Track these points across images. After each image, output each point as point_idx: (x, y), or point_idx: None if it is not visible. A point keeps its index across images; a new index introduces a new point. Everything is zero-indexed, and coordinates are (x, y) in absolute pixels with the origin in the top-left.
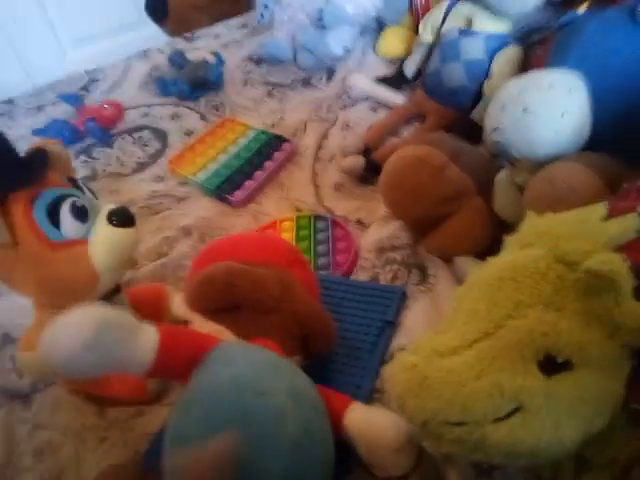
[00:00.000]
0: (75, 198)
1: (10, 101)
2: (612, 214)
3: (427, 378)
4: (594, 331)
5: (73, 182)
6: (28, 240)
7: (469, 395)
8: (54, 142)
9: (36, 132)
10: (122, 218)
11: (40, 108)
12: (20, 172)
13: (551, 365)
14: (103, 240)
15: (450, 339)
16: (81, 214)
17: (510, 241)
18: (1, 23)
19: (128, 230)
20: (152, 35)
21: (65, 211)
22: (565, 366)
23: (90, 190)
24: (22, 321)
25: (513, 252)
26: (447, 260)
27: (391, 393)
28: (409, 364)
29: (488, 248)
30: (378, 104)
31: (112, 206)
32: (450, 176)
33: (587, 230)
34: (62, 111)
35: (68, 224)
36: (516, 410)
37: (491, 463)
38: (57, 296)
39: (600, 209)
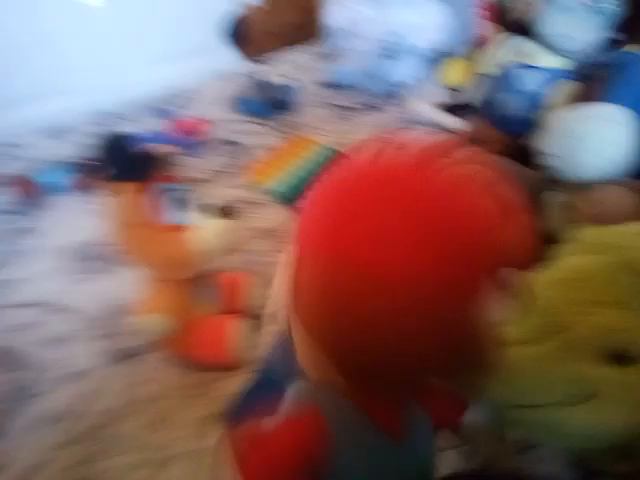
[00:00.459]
0: (183, 192)
1: (108, 112)
2: None
3: (509, 364)
4: None
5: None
6: (154, 222)
7: (549, 380)
8: (169, 149)
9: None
10: (230, 212)
11: (136, 120)
12: (149, 168)
13: (624, 358)
14: (214, 227)
15: (529, 330)
16: (185, 205)
17: (569, 249)
18: (96, 43)
19: (233, 222)
20: (229, 58)
21: (177, 202)
22: (634, 359)
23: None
24: (129, 294)
25: (579, 257)
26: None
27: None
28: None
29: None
30: (438, 129)
31: (220, 202)
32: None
33: None
34: (156, 123)
35: (177, 212)
36: (592, 397)
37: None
38: (171, 269)
39: None
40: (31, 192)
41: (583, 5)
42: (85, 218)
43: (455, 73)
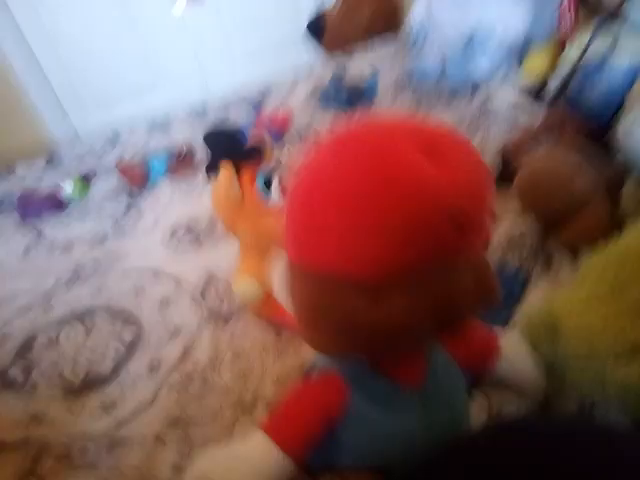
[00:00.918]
0: (274, 175)
1: (202, 105)
2: None
3: (560, 320)
4: None
5: (269, 165)
6: (251, 199)
7: (597, 335)
8: (263, 135)
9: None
10: None
11: (226, 112)
12: (248, 153)
13: None
14: None
15: (581, 293)
16: (274, 186)
17: (633, 228)
18: (190, 42)
19: None
20: (310, 52)
21: (268, 183)
22: None
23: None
24: (223, 265)
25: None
26: (574, 252)
27: (526, 334)
28: (545, 310)
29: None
30: (516, 122)
31: None
32: (578, 188)
33: None
34: (244, 115)
35: (273, 193)
36: (636, 353)
37: (597, 402)
38: (262, 243)
39: None
40: (138, 178)
41: None
42: (184, 199)
43: (538, 63)
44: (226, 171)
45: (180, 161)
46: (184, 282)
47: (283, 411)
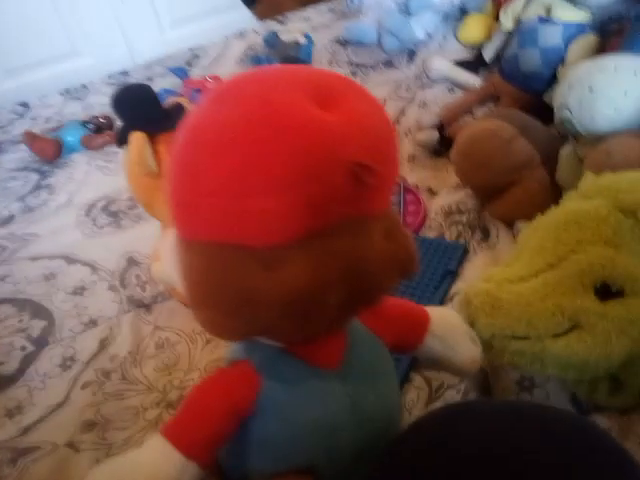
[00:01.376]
0: None
1: (125, 73)
2: None
3: (499, 299)
4: None
5: None
6: (163, 172)
7: (535, 313)
8: (185, 99)
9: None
10: None
11: (150, 79)
12: (165, 119)
13: (606, 293)
14: None
15: (519, 269)
16: None
17: (570, 195)
18: (110, 4)
19: None
20: (244, 18)
21: None
22: (618, 294)
23: None
24: (144, 248)
25: (575, 202)
26: (509, 224)
27: (464, 314)
28: (483, 289)
29: None
30: (455, 86)
31: None
32: (517, 147)
33: None
34: (170, 83)
35: None
36: (573, 328)
37: (536, 379)
38: None
39: None
40: (49, 152)
41: None
42: (101, 175)
43: (474, 29)
44: (137, 140)
45: (97, 133)
46: (101, 268)
47: (183, 410)
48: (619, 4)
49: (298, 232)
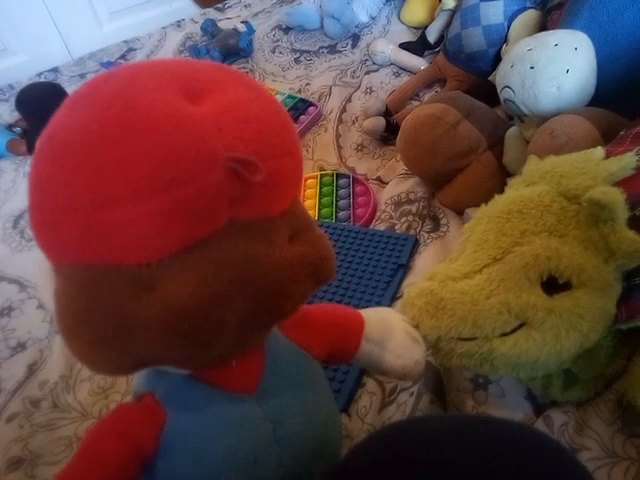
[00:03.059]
0: None
1: (55, 69)
2: (609, 157)
3: (442, 299)
4: (592, 256)
5: None
6: None
7: (480, 312)
8: None
9: None
10: None
11: (83, 76)
12: None
13: (553, 285)
14: None
15: (462, 265)
16: None
17: (514, 182)
18: None
19: None
20: (184, 6)
21: None
22: (565, 286)
23: None
24: None
25: (518, 190)
26: (459, 212)
27: (408, 316)
28: (426, 289)
29: None
30: (401, 69)
31: None
32: (463, 132)
33: (588, 168)
34: None
35: None
36: (521, 325)
37: (490, 376)
38: None
39: (598, 152)
40: None
41: None
42: (25, 184)
43: (417, 10)
44: None
45: (23, 137)
46: (29, 285)
47: (75, 458)
48: None
49: (176, 243)
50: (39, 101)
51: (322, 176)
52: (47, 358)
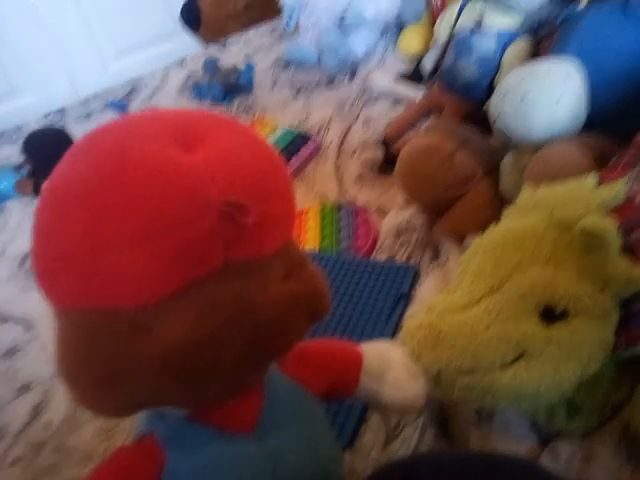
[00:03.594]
0: None
1: (62, 110)
2: (602, 183)
3: (442, 332)
4: (587, 285)
5: None
6: None
7: (480, 344)
8: None
9: None
10: None
11: (88, 116)
12: None
13: (550, 315)
14: None
15: (460, 297)
16: None
17: (509, 212)
18: (51, 38)
19: None
20: (187, 44)
21: None
22: (563, 316)
23: None
24: None
25: (513, 220)
26: (458, 240)
27: (407, 349)
28: (425, 322)
29: None
30: (398, 100)
31: None
32: (459, 161)
33: (580, 197)
34: (109, 118)
35: None
36: (520, 356)
37: (494, 407)
38: None
39: (591, 179)
40: None
41: None
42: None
43: (412, 41)
44: None
45: (30, 177)
46: (35, 325)
47: None
48: (547, 8)
49: (171, 285)
50: (45, 147)
51: (323, 207)
52: (51, 399)
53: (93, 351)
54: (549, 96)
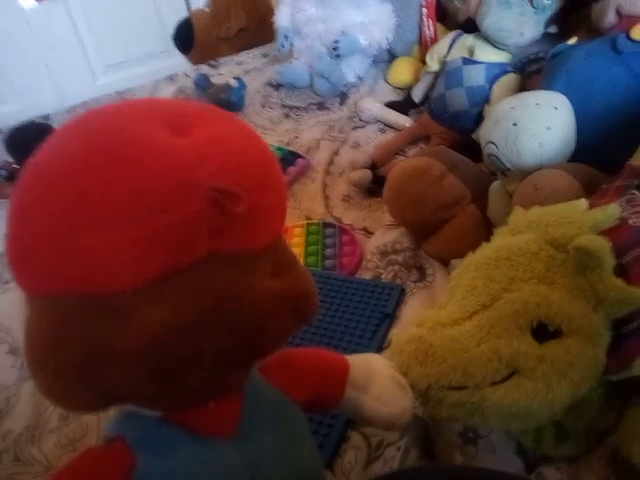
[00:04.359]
0: None
1: (46, 117)
2: (592, 208)
3: (432, 346)
4: (580, 304)
5: None
6: None
7: (470, 360)
8: None
9: None
10: None
11: None
12: None
13: (543, 333)
14: None
15: (451, 312)
16: None
17: (500, 231)
18: (40, 49)
19: None
20: (178, 63)
21: None
22: (556, 334)
23: None
24: None
25: (505, 238)
26: (444, 262)
27: (396, 363)
28: (415, 335)
29: None
30: (386, 126)
31: None
32: (448, 184)
33: (574, 217)
34: None
35: None
36: (512, 374)
37: (480, 430)
38: None
39: (583, 203)
40: None
41: (522, 0)
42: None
43: (402, 72)
44: None
45: (9, 180)
46: (1, 328)
47: None
48: (536, 45)
49: (153, 271)
50: (29, 142)
51: (309, 225)
52: (14, 407)
53: (65, 337)
54: (539, 124)
